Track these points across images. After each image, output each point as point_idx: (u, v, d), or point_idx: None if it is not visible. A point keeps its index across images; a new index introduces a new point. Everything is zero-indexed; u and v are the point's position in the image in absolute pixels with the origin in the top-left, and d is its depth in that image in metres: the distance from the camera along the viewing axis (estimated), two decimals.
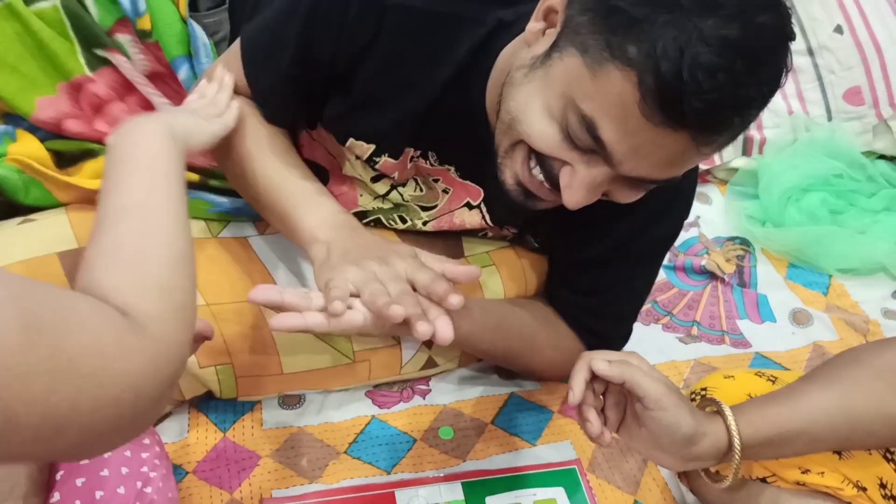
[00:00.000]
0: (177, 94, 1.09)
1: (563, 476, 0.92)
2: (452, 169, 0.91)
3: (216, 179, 1.06)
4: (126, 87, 1.09)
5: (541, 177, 0.74)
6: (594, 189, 0.72)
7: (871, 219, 1.26)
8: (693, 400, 0.85)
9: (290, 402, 0.97)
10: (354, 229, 0.81)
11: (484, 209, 0.94)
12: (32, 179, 0.99)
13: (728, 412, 0.76)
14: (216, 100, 0.86)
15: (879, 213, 1.28)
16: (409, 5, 0.79)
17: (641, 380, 0.74)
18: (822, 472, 0.80)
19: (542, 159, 0.73)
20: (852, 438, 0.78)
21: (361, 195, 1.01)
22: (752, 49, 0.61)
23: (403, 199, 0.98)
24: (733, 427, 0.75)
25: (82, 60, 1.06)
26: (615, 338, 0.99)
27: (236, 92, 0.91)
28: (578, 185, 0.71)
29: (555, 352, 0.97)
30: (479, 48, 0.81)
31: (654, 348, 1.08)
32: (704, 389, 0.87)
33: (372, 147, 0.90)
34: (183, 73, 1.07)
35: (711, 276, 1.20)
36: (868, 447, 0.80)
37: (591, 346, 0.95)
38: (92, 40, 1.05)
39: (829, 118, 1.36)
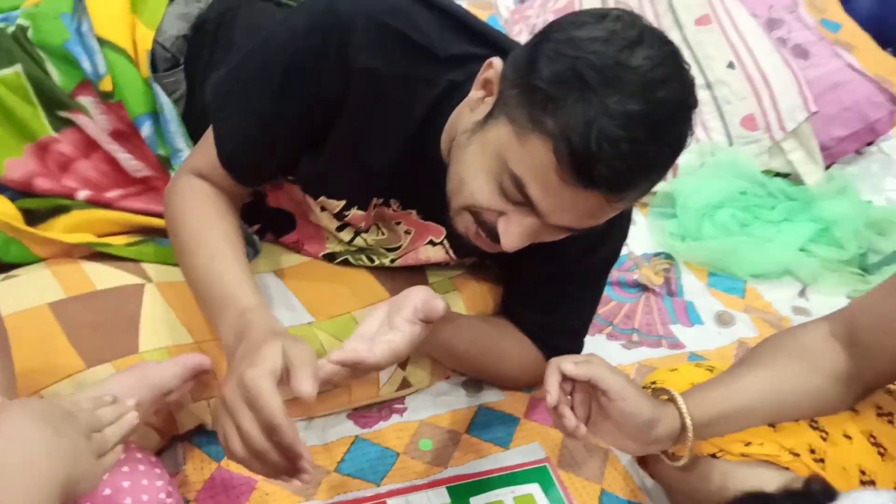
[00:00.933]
0: (139, 149, 1.15)
1: (536, 473, 1.01)
2: (415, 212, 1.01)
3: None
4: (90, 146, 1.13)
5: (480, 235, 0.85)
6: (527, 235, 0.82)
7: (775, 228, 1.43)
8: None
9: None
10: (250, 332, 0.79)
11: (447, 244, 1.04)
12: (11, 238, 1.03)
13: (679, 398, 0.87)
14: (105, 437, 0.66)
15: (781, 224, 1.44)
16: (372, 68, 0.87)
17: (605, 375, 0.85)
18: (762, 443, 0.92)
19: (482, 218, 0.83)
20: (782, 412, 0.91)
21: (328, 238, 1.09)
22: (653, 120, 0.71)
23: (367, 244, 1.06)
24: (684, 410, 0.86)
25: (46, 122, 1.10)
26: (571, 350, 1.09)
27: (203, 176, 0.96)
28: (513, 233, 0.81)
29: (519, 362, 1.07)
30: (433, 107, 0.90)
31: (601, 355, 1.19)
32: (654, 383, 0.98)
33: (343, 203, 0.98)
34: (146, 129, 1.12)
35: (643, 288, 1.33)
36: (796, 419, 0.92)
37: (549, 356, 1.06)
38: (55, 103, 1.10)
39: (730, 143, 1.53)
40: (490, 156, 0.79)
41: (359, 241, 1.06)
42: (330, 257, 1.09)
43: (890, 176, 1.55)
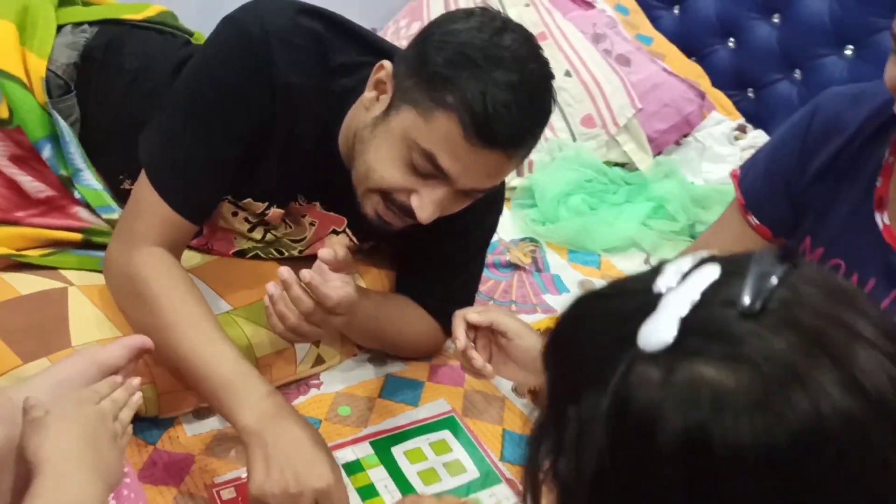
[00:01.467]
0: (40, 172, 1.21)
1: (445, 423, 1.14)
2: (318, 204, 1.13)
3: (97, 236, 1.19)
4: None
5: (391, 211, 0.99)
6: (439, 205, 0.96)
7: (618, 209, 1.65)
8: None
9: (203, 413, 1.11)
10: (281, 421, 0.90)
11: (349, 232, 1.17)
12: None
13: None
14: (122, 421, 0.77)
15: (623, 205, 1.67)
16: (290, 83, 0.99)
17: (504, 319, 1.01)
18: None
19: (391, 197, 0.97)
20: None
21: (236, 239, 1.19)
22: (529, 87, 0.90)
23: (276, 238, 1.18)
24: None
25: None
26: None
27: (152, 241, 0.99)
28: (427, 205, 0.95)
29: (421, 332, 1.21)
30: (332, 110, 1.03)
31: None
32: (539, 330, 1.15)
33: (265, 204, 1.09)
34: (46, 151, 1.19)
35: (515, 267, 1.51)
36: None
37: (445, 325, 1.20)
38: None
39: (574, 139, 1.76)
40: (397, 141, 0.93)
41: (268, 237, 1.17)
42: (240, 254, 1.19)
43: (705, 160, 1.82)
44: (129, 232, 1.02)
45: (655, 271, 0.43)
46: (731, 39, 2.07)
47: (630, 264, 1.57)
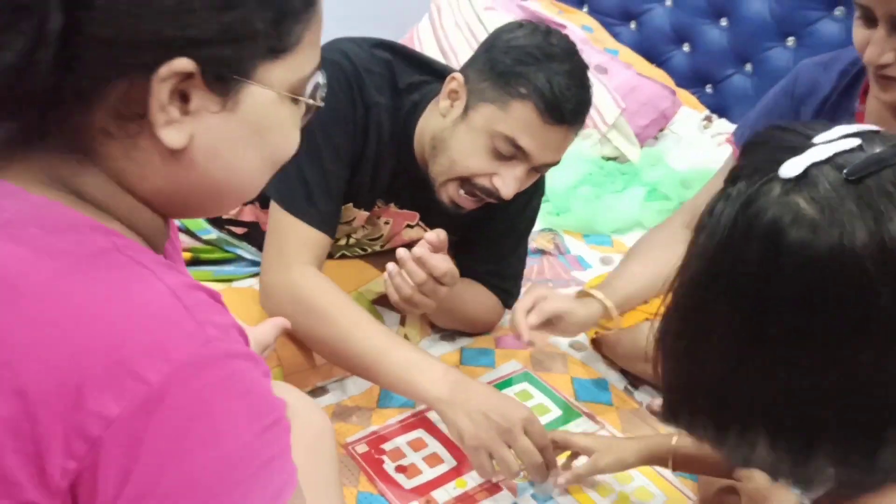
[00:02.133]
0: None
1: (523, 377, 1.34)
2: (393, 204, 1.33)
3: (203, 254, 1.37)
4: None
5: (469, 196, 1.19)
6: (519, 181, 1.17)
7: (619, 196, 1.89)
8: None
9: (319, 393, 1.29)
10: (466, 384, 1.07)
11: (423, 224, 1.37)
12: None
13: (596, 293, 1.25)
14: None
15: (621, 193, 1.91)
16: (376, 102, 1.21)
17: (554, 306, 1.18)
18: None
19: (472, 182, 1.18)
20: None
21: None
22: (579, 73, 1.14)
23: (357, 240, 1.37)
24: (600, 297, 1.24)
25: None
26: (515, 290, 1.45)
27: (304, 262, 1.16)
28: (510, 181, 1.16)
29: (485, 306, 1.41)
30: (406, 122, 1.24)
31: None
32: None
33: (360, 210, 1.29)
34: None
35: (542, 252, 1.73)
36: None
37: (503, 299, 1.41)
38: None
39: None
40: (479, 134, 1.14)
41: (351, 241, 1.37)
42: (328, 256, 1.38)
43: (682, 149, 2.08)
44: (280, 259, 1.18)
45: (824, 126, 0.62)
46: (686, 44, 2.35)
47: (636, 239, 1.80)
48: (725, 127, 2.15)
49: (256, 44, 0.57)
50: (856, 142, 0.58)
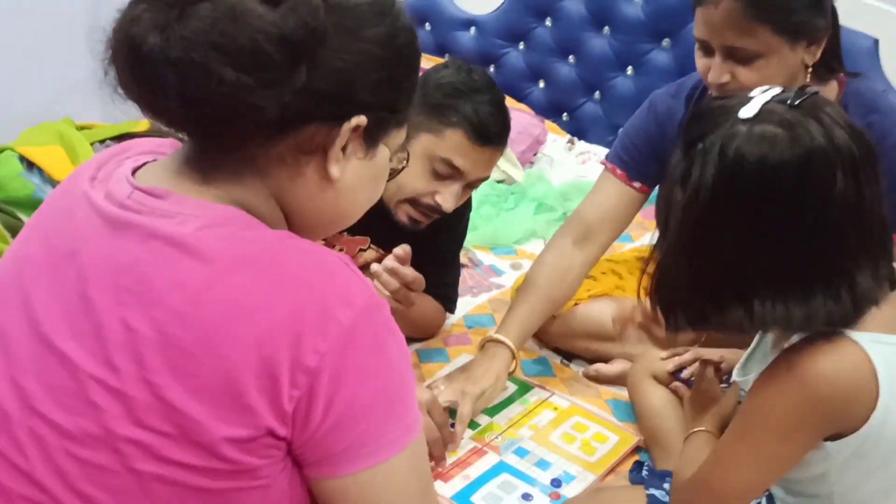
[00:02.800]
0: None
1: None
2: (345, 232, 1.52)
3: None
4: None
5: (420, 213, 1.42)
6: (456, 196, 1.41)
7: (513, 212, 2.17)
8: None
9: None
10: None
11: (374, 247, 1.56)
12: None
13: (504, 339, 1.51)
14: None
15: (515, 209, 2.19)
16: None
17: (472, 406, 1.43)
18: (595, 287, 1.60)
19: (418, 202, 1.40)
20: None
21: None
22: (498, 101, 1.40)
23: None
24: (509, 343, 1.50)
25: None
26: (454, 296, 1.67)
27: None
28: (449, 197, 1.39)
29: (433, 311, 1.62)
30: None
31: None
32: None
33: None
34: None
35: (462, 267, 1.96)
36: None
37: (445, 304, 1.63)
38: None
39: None
40: (419, 159, 1.37)
41: None
42: None
43: (555, 167, 2.41)
44: None
45: (749, 97, 0.88)
46: (542, 80, 2.70)
47: (535, 248, 2.08)
48: (586, 147, 2.49)
49: (398, 117, 0.79)
50: (774, 91, 0.88)
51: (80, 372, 0.70)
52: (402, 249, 1.34)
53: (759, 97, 0.88)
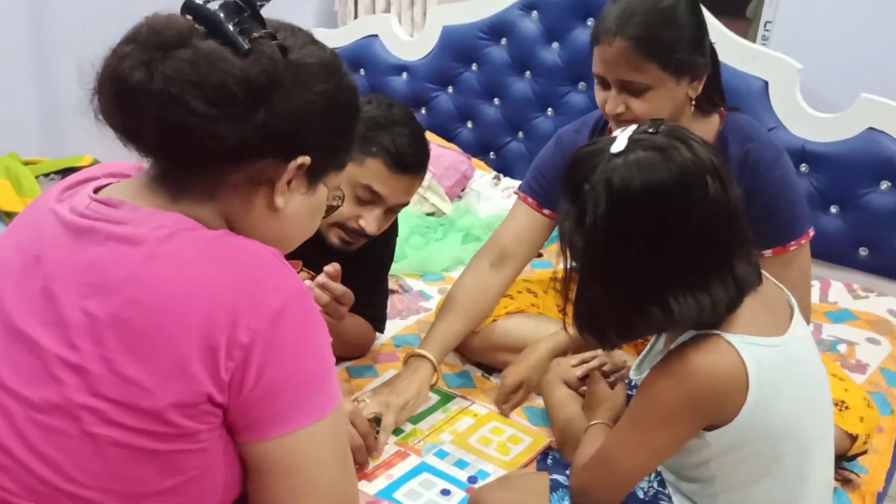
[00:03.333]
0: None
1: None
2: None
3: None
4: None
5: (349, 236, 1.54)
6: (379, 220, 1.53)
7: (442, 242, 2.31)
8: None
9: None
10: None
11: (307, 270, 1.67)
12: None
13: (426, 353, 1.65)
14: None
15: (443, 239, 2.33)
16: None
17: (395, 417, 1.58)
18: (513, 304, 1.74)
19: (345, 226, 1.52)
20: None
21: None
22: (416, 134, 1.53)
23: None
24: (430, 357, 1.64)
25: None
26: (383, 316, 1.79)
27: None
28: (372, 221, 1.51)
29: (364, 331, 1.73)
30: None
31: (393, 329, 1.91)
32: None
33: None
34: None
35: (392, 292, 2.08)
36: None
37: (375, 325, 1.75)
38: None
39: None
40: (344, 186, 1.49)
41: None
42: None
43: (482, 201, 2.56)
44: None
45: (613, 137, 1.03)
46: (470, 121, 2.87)
47: None
48: (511, 183, 2.65)
49: (337, 161, 0.94)
50: (633, 127, 1.03)
51: (45, 353, 0.81)
52: (332, 267, 1.46)
53: (623, 134, 1.02)
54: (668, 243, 0.99)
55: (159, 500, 0.83)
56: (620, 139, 1.01)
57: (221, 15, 0.82)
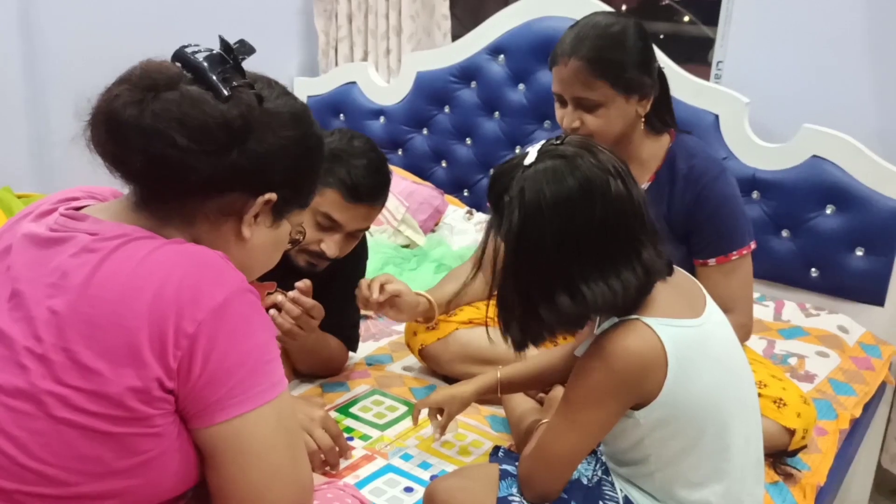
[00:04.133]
0: None
1: (373, 392, 1.77)
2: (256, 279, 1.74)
3: None
4: None
5: (313, 259, 1.66)
6: (339, 244, 1.64)
7: (416, 272, 2.42)
8: None
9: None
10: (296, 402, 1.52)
11: (281, 290, 1.78)
12: None
13: (424, 293, 1.76)
14: None
15: (417, 269, 2.44)
16: None
17: (395, 287, 1.70)
18: (475, 314, 1.84)
19: (309, 250, 1.63)
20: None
21: None
22: (374, 166, 1.63)
23: None
24: (426, 295, 1.75)
25: None
26: (355, 336, 1.89)
27: None
28: (332, 245, 1.63)
29: (337, 349, 1.83)
30: None
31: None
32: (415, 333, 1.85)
33: None
34: None
35: (366, 317, 2.18)
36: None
37: (348, 344, 1.85)
38: None
39: (371, 235, 2.51)
40: (305, 213, 1.61)
41: None
42: None
43: (455, 235, 2.68)
44: None
45: (526, 151, 1.15)
46: (444, 161, 3.01)
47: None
48: (483, 217, 2.78)
49: (303, 200, 1.07)
50: (542, 141, 1.16)
51: (14, 343, 0.90)
52: (304, 283, 1.57)
53: (534, 148, 1.15)
54: (575, 240, 1.11)
55: (117, 480, 0.91)
56: (531, 153, 1.14)
57: (206, 64, 0.95)
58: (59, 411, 0.88)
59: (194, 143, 0.92)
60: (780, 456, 1.58)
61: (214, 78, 0.95)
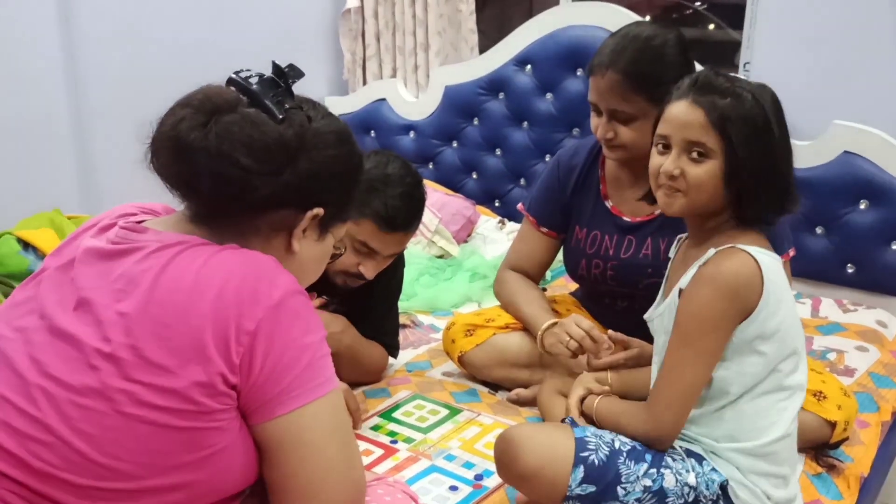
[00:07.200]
0: None
1: (415, 396, 1.80)
2: None
3: None
4: None
5: (351, 278, 1.70)
6: (375, 268, 1.68)
7: (451, 281, 2.45)
8: None
9: None
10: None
11: (324, 299, 1.83)
12: None
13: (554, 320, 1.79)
14: None
15: (452, 279, 2.48)
16: None
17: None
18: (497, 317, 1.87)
19: (348, 272, 1.68)
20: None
21: None
22: (410, 194, 1.67)
23: None
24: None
25: None
26: (396, 342, 1.92)
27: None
28: (370, 268, 1.67)
29: (379, 356, 1.87)
30: None
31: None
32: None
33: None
34: None
35: (405, 326, 2.22)
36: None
37: (389, 350, 1.89)
38: None
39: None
40: (345, 239, 1.65)
41: None
42: None
43: (488, 244, 2.72)
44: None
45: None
46: (474, 172, 3.05)
47: (471, 309, 2.36)
48: (515, 226, 2.81)
49: (345, 215, 1.12)
50: None
51: (84, 346, 0.95)
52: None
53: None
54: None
55: (184, 473, 0.96)
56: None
57: (260, 88, 1.02)
58: (129, 408, 0.93)
59: (256, 162, 0.98)
60: (822, 448, 1.58)
61: (268, 102, 1.01)
